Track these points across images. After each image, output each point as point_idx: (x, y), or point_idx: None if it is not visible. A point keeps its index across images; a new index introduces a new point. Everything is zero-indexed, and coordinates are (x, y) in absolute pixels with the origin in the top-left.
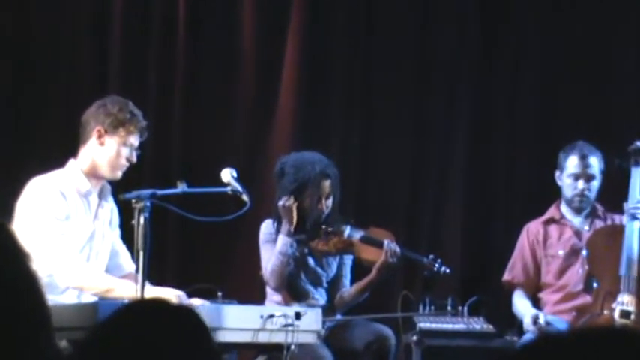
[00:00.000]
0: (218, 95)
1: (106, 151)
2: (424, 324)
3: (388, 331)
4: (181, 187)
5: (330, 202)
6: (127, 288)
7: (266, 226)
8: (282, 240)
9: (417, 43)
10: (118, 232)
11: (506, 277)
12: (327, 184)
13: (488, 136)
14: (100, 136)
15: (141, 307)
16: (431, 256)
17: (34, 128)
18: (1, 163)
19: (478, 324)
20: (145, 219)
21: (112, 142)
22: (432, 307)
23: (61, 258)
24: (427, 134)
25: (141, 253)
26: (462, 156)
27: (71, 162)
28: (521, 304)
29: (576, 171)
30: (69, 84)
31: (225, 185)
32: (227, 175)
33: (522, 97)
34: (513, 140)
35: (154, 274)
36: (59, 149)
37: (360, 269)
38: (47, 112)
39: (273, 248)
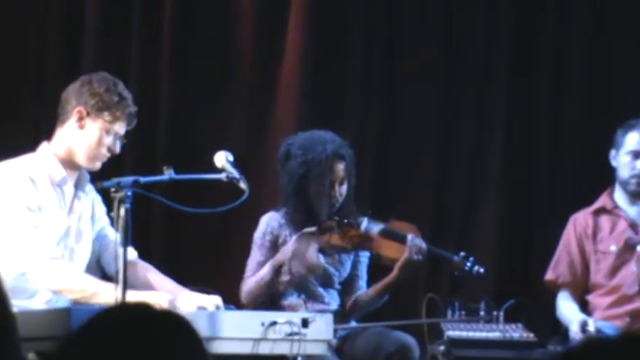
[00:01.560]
0: (210, 69)
1: (86, 136)
2: (453, 332)
3: (411, 341)
4: (168, 174)
5: (344, 188)
6: (112, 292)
7: (264, 223)
8: (268, 269)
9: (448, 7)
10: (106, 220)
11: (549, 276)
12: (340, 167)
13: (528, 117)
14: (80, 118)
15: (121, 313)
16: (461, 254)
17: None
18: None
19: (516, 332)
20: (126, 210)
21: (93, 126)
22: (462, 313)
23: (36, 254)
24: (457, 115)
25: (120, 250)
26: (498, 139)
27: (44, 145)
28: (566, 308)
29: (637, 147)
30: (37, 56)
31: (220, 171)
32: (221, 158)
33: (566, 77)
34: (557, 120)
35: None
36: (30, 131)
37: (377, 268)
38: (14, 90)
39: (265, 254)
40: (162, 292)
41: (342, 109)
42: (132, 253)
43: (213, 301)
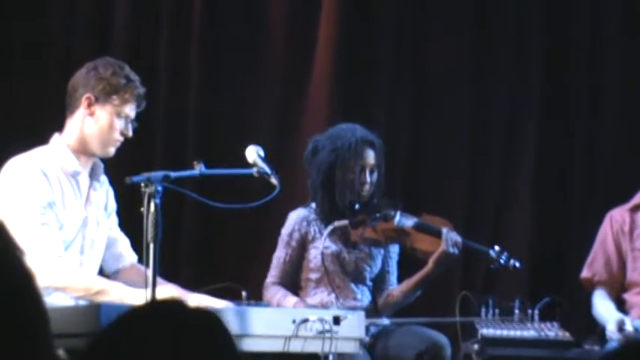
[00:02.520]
0: (242, 65)
1: (97, 122)
2: (487, 330)
3: (443, 339)
4: (199, 169)
5: (374, 177)
6: (121, 291)
7: (292, 221)
8: (290, 302)
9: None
10: (115, 217)
11: (584, 274)
12: (370, 153)
13: (564, 109)
14: (89, 105)
15: (152, 310)
16: (496, 248)
17: (17, 100)
18: None
19: (551, 331)
20: (156, 206)
21: (103, 111)
22: (497, 311)
23: (42, 253)
24: (491, 109)
25: (151, 246)
26: (533, 133)
27: (55, 137)
28: (603, 307)
29: None
30: (62, 47)
31: (251, 166)
32: (252, 153)
33: (604, 65)
34: (593, 116)
35: (165, 270)
36: (47, 124)
37: (406, 265)
38: (35, 83)
39: (290, 253)
40: (169, 286)
41: (373, 102)
42: (132, 257)
43: (222, 305)
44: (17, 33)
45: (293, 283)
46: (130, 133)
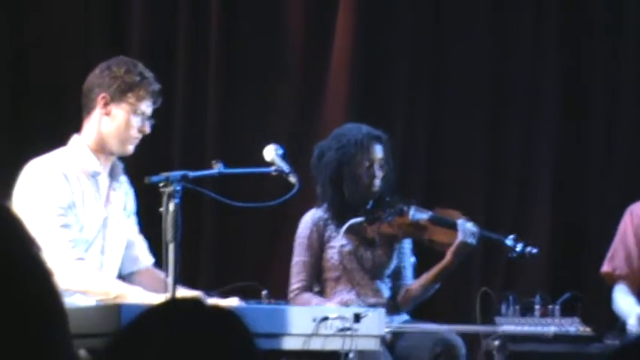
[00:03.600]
0: (260, 66)
1: (114, 121)
2: (507, 326)
3: (458, 340)
4: (217, 168)
5: (383, 172)
6: (140, 296)
7: (309, 222)
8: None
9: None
10: (133, 218)
11: (605, 268)
12: (378, 147)
13: (583, 104)
14: (105, 105)
15: (172, 309)
16: (512, 236)
17: (37, 100)
18: (7, 142)
19: (572, 326)
20: (175, 205)
21: (119, 110)
22: (517, 307)
23: (62, 255)
24: (509, 105)
25: (170, 246)
26: (551, 128)
27: (74, 138)
28: (624, 302)
29: None
30: (80, 48)
31: (269, 165)
32: (271, 152)
33: (623, 58)
34: (612, 107)
35: (185, 270)
36: (67, 126)
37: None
38: (54, 83)
39: (312, 254)
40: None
41: (391, 101)
42: (148, 260)
43: (236, 304)
44: (31, 34)
45: (323, 284)
46: (148, 130)
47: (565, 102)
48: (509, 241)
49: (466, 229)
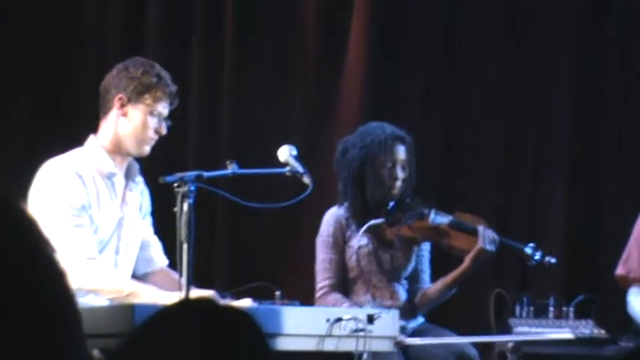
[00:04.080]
0: (274, 65)
1: (131, 122)
2: (522, 328)
3: (472, 351)
4: (231, 169)
5: (405, 173)
6: (153, 295)
7: (331, 221)
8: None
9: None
10: (149, 219)
11: (619, 271)
12: (401, 148)
13: (597, 104)
14: (122, 105)
15: (185, 309)
16: (531, 245)
17: (58, 101)
18: (23, 142)
19: (586, 328)
20: (189, 205)
21: (136, 111)
22: (531, 309)
23: (74, 255)
24: (523, 106)
25: (184, 246)
26: (564, 131)
27: (91, 138)
28: (638, 304)
29: None
30: (96, 50)
31: (283, 165)
32: (285, 153)
33: (637, 61)
34: (626, 108)
35: (198, 270)
36: (88, 125)
37: (437, 263)
38: (74, 84)
39: (338, 252)
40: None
41: (405, 103)
42: (163, 261)
43: (248, 304)
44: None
45: (346, 284)
46: (164, 131)
47: (578, 105)
48: (528, 249)
49: (486, 235)
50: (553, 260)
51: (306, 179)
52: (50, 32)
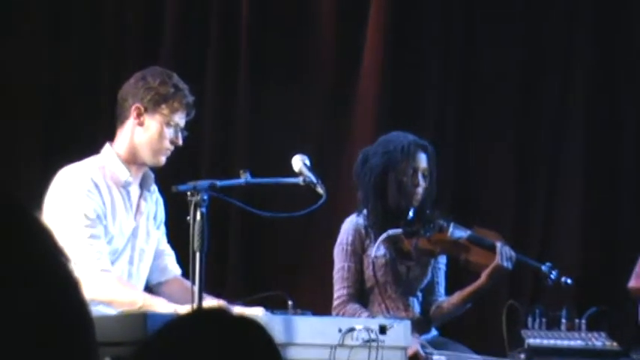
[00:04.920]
0: (289, 73)
1: (147, 132)
2: (534, 340)
3: None
4: (245, 178)
5: (426, 183)
6: (165, 307)
7: (351, 229)
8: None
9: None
10: (163, 228)
11: (632, 283)
12: (423, 156)
13: (611, 115)
14: (139, 115)
15: (198, 318)
16: (548, 264)
17: (73, 108)
18: (37, 150)
19: (599, 340)
20: (202, 214)
21: (153, 121)
22: (544, 320)
23: (87, 266)
24: (537, 117)
25: (197, 255)
26: (579, 142)
27: (107, 147)
28: None
29: None
30: (113, 56)
31: (297, 175)
32: (298, 162)
33: None
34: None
35: (211, 279)
36: (104, 133)
37: (452, 276)
38: (88, 91)
39: (356, 260)
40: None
41: (420, 110)
42: (176, 270)
43: (259, 313)
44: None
45: (363, 293)
46: (181, 142)
47: (594, 112)
48: (545, 267)
49: (504, 252)
50: (569, 281)
51: (320, 189)
52: (67, 39)
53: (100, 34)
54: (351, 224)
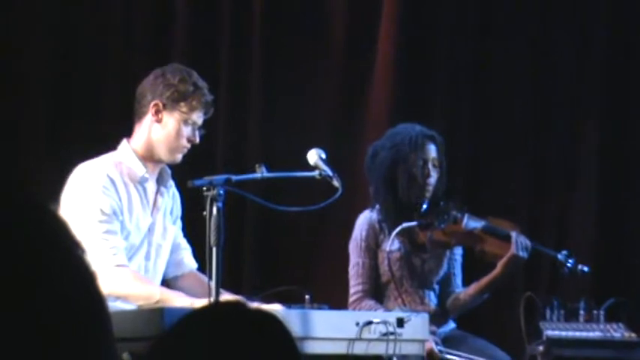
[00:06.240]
0: (303, 67)
1: (164, 129)
2: (552, 332)
3: (504, 357)
4: (261, 172)
5: (437, 173)
6: (183, 301)
7: (365, 225)
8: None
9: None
10: (179, 223)
11: None
12: (432, 147)
13: (627, 107)
14: (157, 112)
15: (215, 312)
16: (564, 252)
17: (86, 106)
18: (52, 147)
19: (617, 331)
20: (219, 209)
21: (171, 118)
22: (562, 312)
23: (103, 261)
24: (551, 108)
25: (214, 250)
26: (595, 131)
27: (124, 143)
28: None
29: None
30: (123, 55)
31: (312, 169)
32: (314, 156)
33: None
34: None
35: (228, 274)
36: (116, 129)
37: (468, 267)
38: (100, 88)
39: (371, 256)
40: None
41: (433, 106)
42: (192, 265)
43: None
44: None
45: (379, 289)
46: (198, 140)
47: (608, 107)
48: (561, 256)
49: (519, 242)
50: (586, 269)
51: (336, 182)
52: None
53: (107, 32)
54: (364, 219)
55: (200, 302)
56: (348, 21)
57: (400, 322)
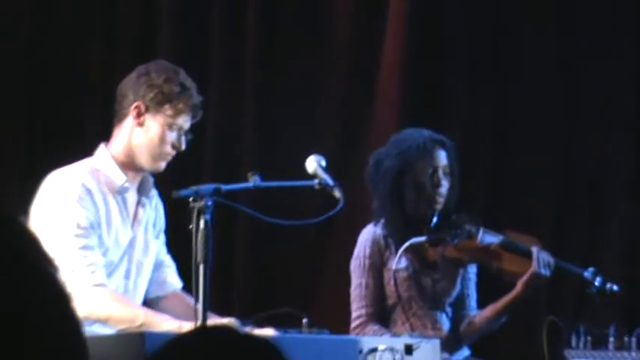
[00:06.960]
0: (301, 69)
1: (147, 134)
2: None
3: None
4: (253, 181)
5: (448, 182)
6: (169, 324)
7: (368, 241)
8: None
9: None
10: (162, 237)
11: None
12: (442, 153)
13: None
14: (139, 115)
15: (202, 338)
16: (591, 269)
17: (62, 107)
18: (23, 152)
19: None
20: (206, 222)
21: (154, 122)
22: (589, 339)
23: (80, 280)
24: (578, 119)
25: (201, 267)
26: (626, 143)
27: (101, 148)
28: None
29: None
30: (106, 51)
31: (311, 178)
32: (313, 164)
33: None
34: None
35: (216, 294)
36: (96, 135)
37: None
38: (80, 87)
39: (376, 276)
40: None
41: (445, 111)
42: (176, 284)
43: (271, 334)
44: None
45: (385, 312)
46: (184, 147)
47: (636, 112)
48: (587, 274)
49: (541, 258)
50: (615, 287)
51: (337, 193)
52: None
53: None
54: (368, 235)
55: (187, 325)
56: (352, 20)
57: (409, 349)
